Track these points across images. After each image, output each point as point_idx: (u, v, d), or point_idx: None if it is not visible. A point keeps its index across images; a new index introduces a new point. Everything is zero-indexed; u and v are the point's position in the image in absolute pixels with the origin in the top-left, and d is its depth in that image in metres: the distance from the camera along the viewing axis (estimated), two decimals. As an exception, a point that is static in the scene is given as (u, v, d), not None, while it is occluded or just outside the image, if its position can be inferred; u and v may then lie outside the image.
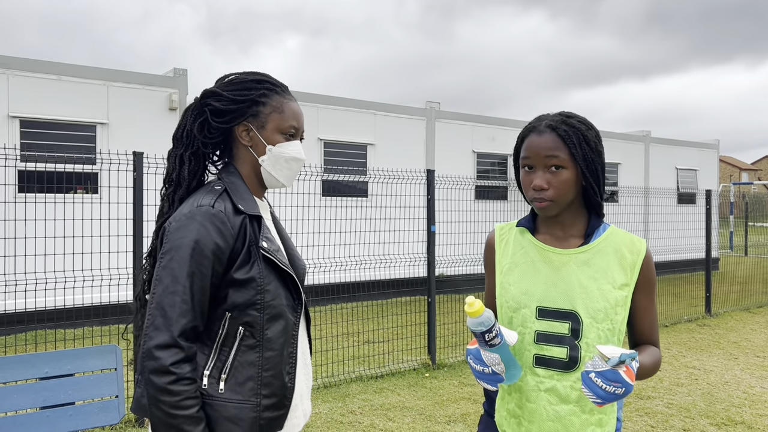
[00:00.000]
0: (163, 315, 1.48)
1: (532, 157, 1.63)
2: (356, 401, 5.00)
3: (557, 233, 1.70)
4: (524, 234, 1.74)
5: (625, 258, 1.65)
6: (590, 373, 1.43)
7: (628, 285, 1.63)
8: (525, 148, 1.66)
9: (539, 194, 1.62)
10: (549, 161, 1.61)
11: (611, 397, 1.41)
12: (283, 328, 1.62)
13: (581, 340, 1.59)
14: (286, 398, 1.62)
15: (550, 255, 1.67)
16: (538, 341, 1.62)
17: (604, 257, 1.64)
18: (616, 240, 1.67)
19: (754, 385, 5.51)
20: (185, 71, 8.55)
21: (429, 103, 11.08)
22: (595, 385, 1.41)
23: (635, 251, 1.66)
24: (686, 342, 7.29)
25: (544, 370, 1.62)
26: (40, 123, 7.50)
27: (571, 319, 1.60)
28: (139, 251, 4.45)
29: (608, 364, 1.41)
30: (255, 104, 1.66)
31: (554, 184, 1.61)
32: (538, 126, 1.66)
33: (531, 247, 1.70)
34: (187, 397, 1.47)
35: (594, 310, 1.59)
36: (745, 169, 61.94)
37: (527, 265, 1.68)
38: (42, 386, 3.07)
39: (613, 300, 1.61)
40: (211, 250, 1.52)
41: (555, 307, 1.61)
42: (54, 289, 5.51)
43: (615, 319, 1.61)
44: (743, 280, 13.13)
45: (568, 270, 1.63)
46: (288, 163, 1.69)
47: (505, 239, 1.77)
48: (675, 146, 14.93)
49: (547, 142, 1.62)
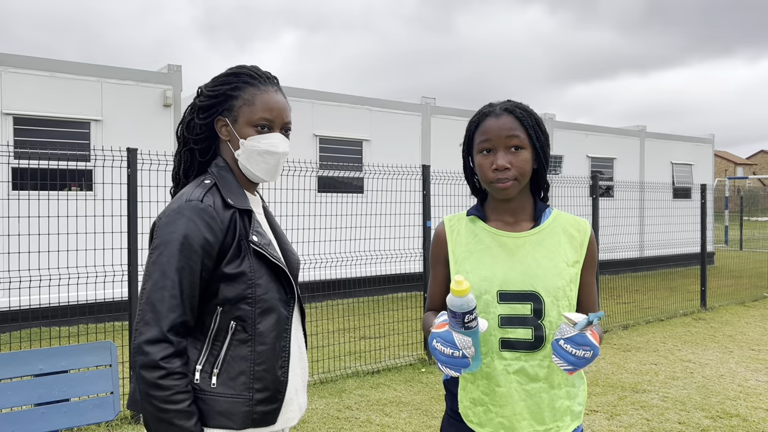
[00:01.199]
0: (152, 310, 1.48)
1: (492, 139, 1.65)
2: (353, 397, 5.00)
3: (508, 219, 1.73)
4: (475, 222, 1.75)
5: (573, 237, 1.71)
6: (559, 341, 1.48)
7: (579, 262, 1.70)
8: (483, 132, 1.68)
9: (503, 174, 1.64)
10: (510, 141, 1.65)
11: (581, 361, 1.47)
12: (275, 322, 1.61)
13: (544, 319, 1.62)
14: (279, 392, 1.62)
15: (505, 239, 1.69)
16: (502, 325, 1.63)
17: (555, 237, 1.70)
18: (563, 221, 1.73)
19: (749, 378, 5.53)
20: (179, 67, 8.52)
21: (424, 98, 11.07)
22: (566, 351, 1.47)
23: (582, 230, 1.72)
24: (682, 336, 7.31)
25: (510, 352, 1.63)
26: (34, 120, 7.46)
27: (532, 300, 1.62)
28: (133, 248, 4.44)
29: (575, 328, 1.46)
30: (228, 98, 1.65)
31: (515, 164, 1.65)
32: (494, 110, 1.70)
33: (484, 233, 1.72)
34: (178, 392, 1.46)
35: (554, 288, 1.63)
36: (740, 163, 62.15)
37: (483, 251, 1.69)
38: (37, 383, 3.06)
39: (568, 277, 1.66)
40: (200, 245, 1.52)
41: (516, 290, 1.63)
42: (48, 286, 5.49)
43: (570, 296, 1.66)
44: (738, 274, 13.18)
45: (524, 252, 1.67)
46: (262, 157, 1.66)
47: (456, 229, 1.77)
48: (670, 141, 14.95)
49: (507, 123, 1.66)
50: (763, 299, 10.04)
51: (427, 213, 6.11)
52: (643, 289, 10.65)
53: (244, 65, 1.71)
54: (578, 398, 1.69)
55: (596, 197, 7.71)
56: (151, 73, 8.37)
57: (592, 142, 13.39)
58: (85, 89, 7.80)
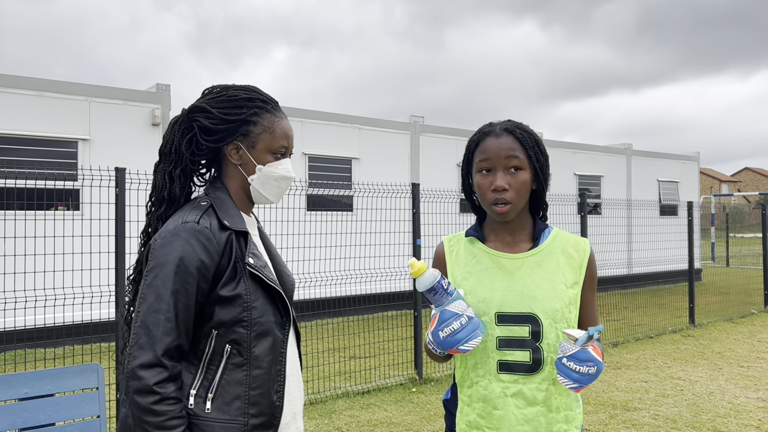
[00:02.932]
0: (147, 334, 1.45)
1: (492, 159, 1.65)
2: (343, 417, 4.95)
3: (507, 239, 1.72)
4: (474, 243, 1.74)
5: (572, 258, 1.70)
6: (561, 359, 1.48)
7: (578, 283, 1.69)
8: (482, 151, 1.67)
9: (501, 195, 1.63)
10: (509, 162, 1.64)
11: (586, 378, 1.47)
12: (270, 346, 1.59)
13: (542, 341, 1.61)
14: (275, 417, 1.59)
15: (503, 261, 1.68)
16: (500, 347, 1.62)
17: (553, 258, 1.68)
18: (562, 241, 1.72)
19: (738, 396, 5.54)
20: (168, 86, 8.52)
21: (413, 117, 11.13)
22: (570, 369, 1.46)
23: (581, 250, 1.71)
24: (671, 353, 7.33)
25: (508, 375, 1.62)
26: (21, 139, 7.41)
27: (530, 322, 1.61)
28: (121, 268, 4.40)
29: (577, 344, 1.46)
30: (246, 124, 1.63)
31: (514, 185, 1.64)
32: (494, 130, 1.69)
33: (483, 255, 1.71)
34: (172, 417, 1.44)
35: (552, 310, 1.62)
36: (725, 180, 62.86)
37: (481, 272, 1.68)
38: (21, 407, 3.00)
39: (567, 299, 1.64)
40: (196, 267, 1.50)
41: (514, 312, 1.62)
42: (34, 307, 5.41)
43: (569, 318, 1.65)
44: (726, 290, 13.26)
45: (522, 274, 1.66)
46: (278, 182, 1.68)
47: (455, 250, 1.76)
48: (656, 158, 15.11)
49: (506, 143, 1.65)
50: (750, 315, 10.10)
51: (417, 231, 6.11)
52: (632, 306, 10.68)
53: (250, 86, 1.69)
54: (575, 422, 1.67)
55: (584, 215, 7.75)
56: (140, 92, 8.36)
57: (579, 160, 13.50)
58: (73, 108, 7.77)
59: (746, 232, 34.02)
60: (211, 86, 1.71)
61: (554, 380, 1.62)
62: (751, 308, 10.67)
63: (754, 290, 12.66)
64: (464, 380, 1.68)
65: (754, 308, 10.67)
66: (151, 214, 1.66)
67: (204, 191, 1.68)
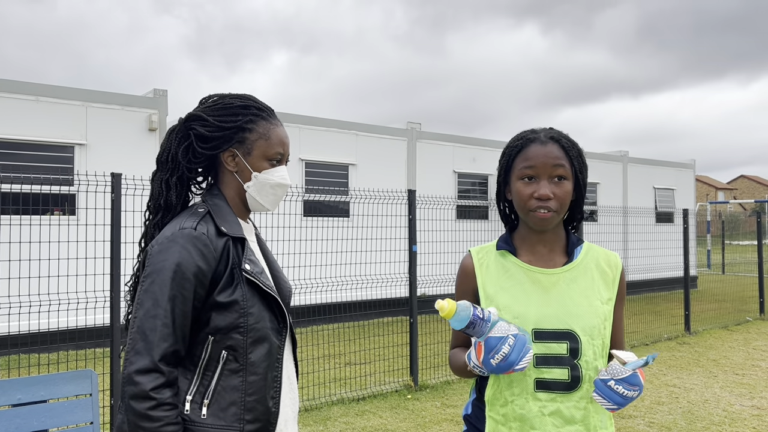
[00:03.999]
0: (143, 339, 1.46)
1: (537, 166, 1.60)
2: (338, 424, 4.93)
3: (541, 252, 1.67)
4: (506, 256, 1.68)
5: (606, 273, 1.67)
6: (609, 381, 1.45)
7: (612, 299, 1.65)
8: (527, 158, 1.62)
9: (545, 204, 1.58)
10: (555, 171, 1.60)
11: (628, 401, 1.45)
12: (267, 352, 1.59)
13: (580, 359, 1.57)
14: (270, 423, 1.59)
15: (538, 276, 1.63)
16: (537, 365, 1.57)
17: (588, 274, 1.65)
18: (595, 256, 1.69)
19: (733, 403, 5.54)
20: (165, 92, 8.52)
21: (410, 123, 11.16)
22: (615, 392, 1.44)
23: (613, 266, 1.69)
24: (666, 360, 7.33)
25: (545, 393, 1.57)
26: (17, 144, 7.40)
27: (569, 339, 1.57)
28: (116, 274, 4.39)
29: (629, 367, 1.44)
30: (241, 131, 1.65)
31: (558, 195, 1.60)
32: (539, 137, 1.64)
33: (516, 269, 1.65)
34: (168, 423, 1.44)
35: (589, 327, 1.58)
36: (721, 188, 63.06)
37: (516, 288, 1.63)
38: (14, 413, 2.98)
39: (603, 315, 1.61)
40: (193, 273, 1.50)
41: (551, 329, 1.57)
42: (29, 313, 5.40)
43: (605, 334, 1.61)
44: (721, 298, 13.28)
45: (558, 290, 1.61)
46: (273, 189, 1.69)
47: (485, 263, 1.70)
48: (652, 166, 15.16)
49: (553, 152, 1.61)
50: (746, 323, 10.12)
51: (413, 237, 6.11)
52: (628, 314, 10.69)
53: (245, 95, 1.71)
54: None
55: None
56: (137, 97, 8.36)
57: (575, 167, 13.53)
58: (70, 113, 7.76)
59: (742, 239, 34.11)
60: (207, 95, 1.73)
61: (592, 399, 1.57)
62: (747, 316, 10.68)
63: (749, 298, 12.69)
64: (497, 399, 1.61)
65: (749, 316, 10.68)
66: (148, 222, 1.67)
67: (201, 198, 1.69)
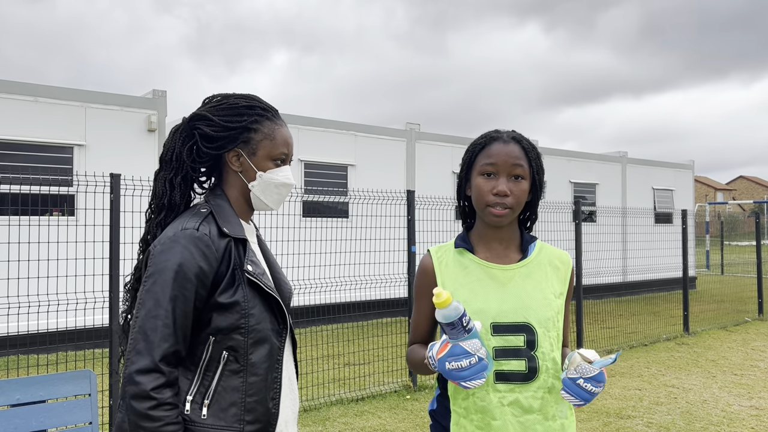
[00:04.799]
0: (144, 339, 1.46)
1: (498, 163, 1.68)
2: (337, 425, 4.94)
3: (497, 249, 1.75)
4: (464, 254, 1.76)
5: (558, 269, 1.76)
6: (578, 380, 1.52)
7: (563, 294, 1.75)
8: (488, 155, 1.71)
9: (501, 200, 1.67)
10: (514, 170, 1.69)
11: (593, 397, 1.54)
12: (267, 353, 1.60)
13: (537, 350, 1.64)
14: (270, 424, 1.60)
15: (495, 272, 1.71)
16: (496, 357, 1.64)
17: (542, 269, 1.74)
18: (548, 253, 1.78)
19: (732, 404, 5.55)
20: (164, 92, 8.52)
21: (409, 124, 11.17)
22: (584, 390, 1.52)
23: (565, 263, 1.78)
24: (665, 361, 7.34)
25: (504, 384, 1.63)
26: (16, 145, 7.40)
27: (525, 331, 1.64)
28: (115, 274, 4.39)
29: (596, 365, 1.52)
30: (247, 131, 1.65)
31: (515, 193, 1.68)
32: (502, 136, 1.73)
33: (474, 266, 1.73)
34: (168, 423, 1.44)
35: (544, 319, 1.66)
36: (720, 189, 63.12)
37: (474, 283, 1.70)
38: (13, 413, 2.98)
39: (556, 308, 1.70)
40: (195, 274, 1.50)
41: (509, 322, 1.65)
42: (27, 313, 5.40)
43: (558, 327, 1.70)
44: (720, 298, 13.30)
45: (515, 284, 1.69)
46: (278, 189, 1.69)
47: (444, 261, 1.76)
48: (651, 167, 15.17)
49: (514, 151, 1.70)
50: (744, 324, 10.13)
51: (412, 238, 6.12)
52: (627, 314, 10.70)
53: (250, 95, 1.71)
54: (570, 430, 1.70)
55: (579, 222, 7.77)
56: (136, 98, 8.36)
57: (574, 168, 13.55)
58: (69, 114, 7.76)
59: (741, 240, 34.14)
60: (211, 95, 1.72)
61: (549, 388, 1.64)
62: (745, 316, 10.70)
63: (748, 298, 12.70)
64: (458, 392, 1.67)
65: (748, 316, 10.70)
66: (150, 221, 1.66)
67: (204, 198, 1.69)
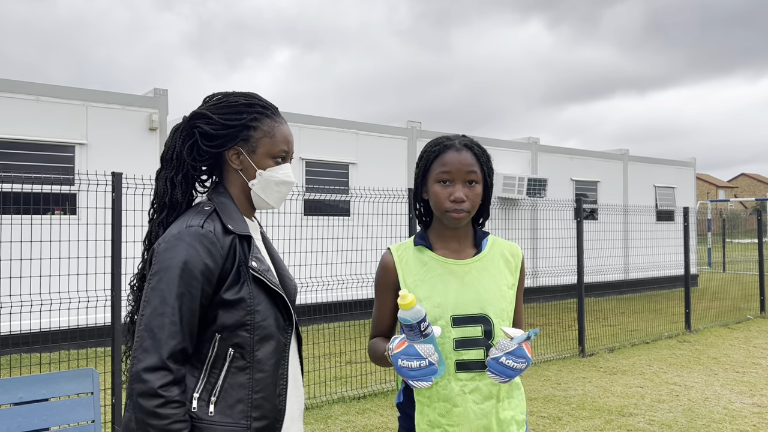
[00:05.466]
0: (151, 337, 1.46)
1: (453, 172, 1.77)
2: (339, 423, 4.94)
3: (453, 246, 1.85)
4: (423, 251, 1.85)
5: (509, 261, 1.87)
6: (500, 357, 1.61)
7: (515, 285, 1.86)
8: (443, 163, 1.79)
9: (459, 206, 1.76)
10: (468, 176, 1.78)
11: (516, 372, 1.63)
12: (273, 349, 1.60)
13: (494, 339, 1.75)
14: (278, 421, 1.60)
15: (453, 267, 1.81)
16: (456, 348, 1.73)
17: (495, 262, 1.85)
18: (500, 247, 1.89)
19: (734, 401, 5.55)
20: (165, 91, 8.53)
21: (410, 122, 11.16)
22: (505, 366, 1.60)
23: (515, 255, 1.89)
24: (667, 358, 7.34)
25: (465, 373, 1.73)
26: (18, 144, 7.41)
27: (482, 322, 1.75)
28: (117, 273, 4.39)
29: (514, 341, 1.61)
30: (246, 129, 1.65)
31: (470, 197, 1.78)
32: (454, 144, 1.81)
33: (433, 262, 1.82)
34: (176, 421, 1.44)
35: (500, 310, 1.77)
36: (722, 186, 63.05)
37: (434, 279, 1.79)
38: (16, 412, 2.99)
39: (509, 299, 1.82)
40: (200, 271, 1.51)
41: (467, 314, 1.74)
42: (30, 312, 5.40)
43: (511, 316, 1.82)
44: (722, 296, 13.29)
45: (471, 277, 1.79)
46: (278, 187, 1.70)
47: (404, 258, 1.85)
48: (653, 164, 15.16)
49: (467, 159, 1.79)
50: (746, 321, 10.12)
51: (414, 236, 6.11)
52: (628, 312, 10.70)
53: (249, 93, 1.72)
54: (520, 407, 1.81)
55: (580, 220, 7.77)
56: (137, 96, 8.36)
57: (576, 166, 13.54)
58: (71, 113, 7.77)
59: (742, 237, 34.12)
60: (211, 94, 1.73)
61: None
62: (747, 314, 10.69)
63: (750, 296, 12.69)
64: None
65: (750, 314, 10.69)
66: (152, 220, 1.67)
67: (207, 196, 1.70)
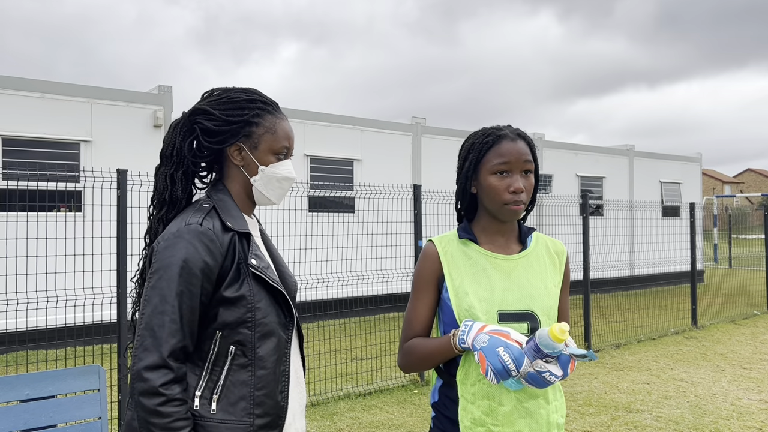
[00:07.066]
0: (152, 335, 1.46)
1: (511, 162, 1.72)
2: (344, 419, 4.94)
3: (499, 241, 1.80)
4: (468, 245, 1.80)
5: (554, 259, 1.83)
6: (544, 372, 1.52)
7: (560, 283, 1.82)
8: (500, 153, 1.73)
9: (518, 197, 1.71)
10: (525, 166, 1.73)
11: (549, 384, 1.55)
12: (274, 346, 1.60)
13: None
14: (280, 417, 1.60)
15: (499, 262, 1.76)
16: None
17: (541, 259, 1.80)
18: (544, 243, 1.84)
19: (741, 397, 5.52)
20: (170, 88, 8.53)
21: (415, 118, 11.14)
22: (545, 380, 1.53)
23: (560, 252, 1.85)
24: (673, 354, 7.31)
25: None
26: (23, 141, 7.42)
27: (529, 319, 1.70)
28: (123, 270, 4.40)
29: (568, 350, 1.54)
30: (248, 125, 1.64)
31: (527, 188, 1.74)
32: (508, 134, 1.76)
33: (479, 256, 1.77)
34: (178, 419, 1.44)
35: (546, 307, 1.72)
36: (728, 182, 62.78)
37: (480, 273, 1.74)
38: (23, 409, 3.00)
39: (555, 297, 1.77)
40: (200, 269, 1.50)
41: (514, 310, 1.70)
42: (36, 309, 5.42)
43: (555, 314, 1.76)
44: (728, 292, 13.23)
45: (517, 273, 1.75)
46: (280, 183, 1.69)
47: (449, 252, 1.80)
48: (658, 160, 15.09)
49: (523, 148, 1.74)
50: (753, 317, 10.08)
51: (419, 232, 6.10)
52: (635, 308, 10.67)
53: (250, 89, 1.71)
54: (561, 410, 1.78)
55: (586, 216, 7.74)
56: (142, 93, 8.37)
57: (582, 162, 13.49)
58: (75, 110, 7.78)
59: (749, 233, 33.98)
60: (211, 89, 1.72)
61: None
62: (754, 310, 10.64)
63: (756, 292, 12.64)
64: (467, 378, 1.71)
65: (756, 310, 10.64)
66: (152, 217, 1.66)
67: (206, 193, 1.69)
